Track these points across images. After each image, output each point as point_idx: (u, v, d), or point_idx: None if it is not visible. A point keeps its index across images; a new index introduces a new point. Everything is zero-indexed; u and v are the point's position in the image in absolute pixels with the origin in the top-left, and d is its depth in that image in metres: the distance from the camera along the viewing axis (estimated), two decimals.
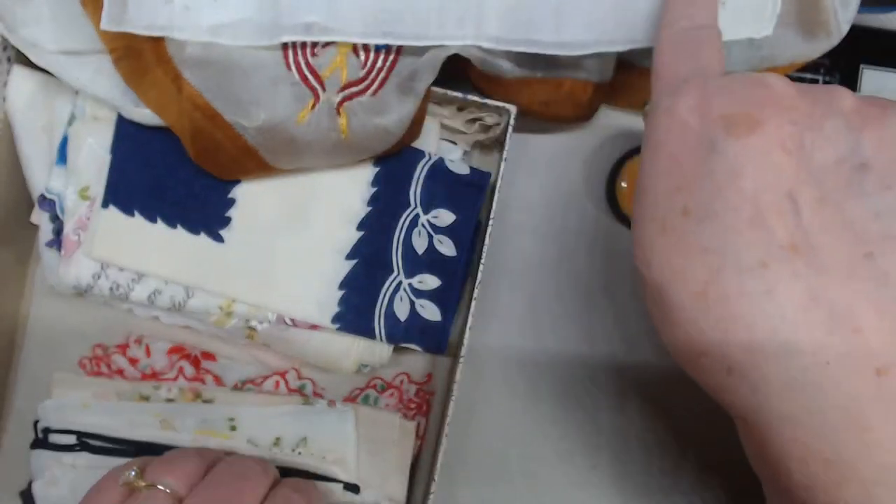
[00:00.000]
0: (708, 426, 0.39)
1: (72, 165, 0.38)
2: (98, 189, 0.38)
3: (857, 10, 0.37)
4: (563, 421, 0.42)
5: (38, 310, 0.43)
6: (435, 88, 0.37)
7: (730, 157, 0.23)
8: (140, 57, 0.34)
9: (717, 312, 0.23)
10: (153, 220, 0.38)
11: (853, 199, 0.23)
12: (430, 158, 0.39)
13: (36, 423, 0.39)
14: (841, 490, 0.22)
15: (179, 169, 0.37)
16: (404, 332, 0.39)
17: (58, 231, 0.39)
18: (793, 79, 0.44)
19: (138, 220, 0.37)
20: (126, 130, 0.38)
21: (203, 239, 0.38)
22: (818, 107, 0.24)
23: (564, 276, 0.43)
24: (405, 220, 0.39)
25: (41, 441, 0.39)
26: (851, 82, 0.45)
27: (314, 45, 0.34)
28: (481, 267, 0.38)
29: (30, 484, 0.38)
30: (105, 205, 0.37)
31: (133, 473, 0.28)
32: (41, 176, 0.39)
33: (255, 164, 0.36)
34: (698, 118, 0.25)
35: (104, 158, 0.38)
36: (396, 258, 0.39)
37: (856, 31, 0.38)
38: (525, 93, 0.37)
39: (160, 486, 0.28)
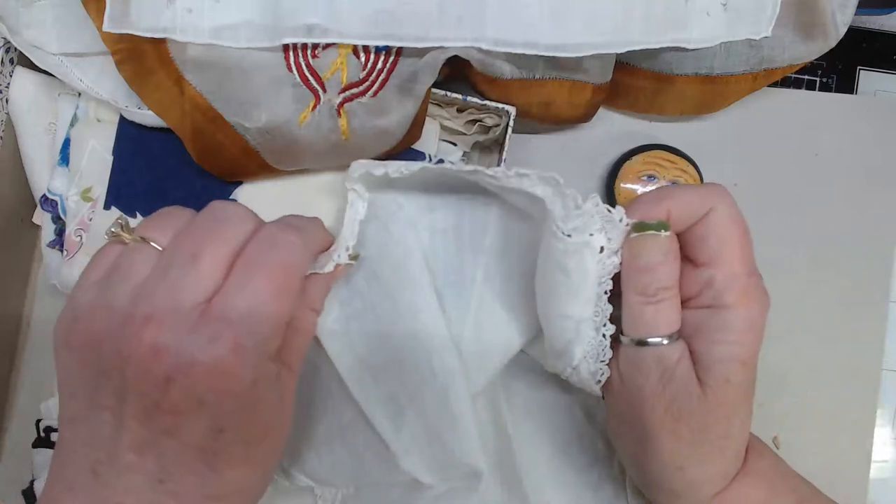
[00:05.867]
0: None
1: (74, 167, 0.38)
2: (100, 190, 0.38)
3: (854, 12, 0.37)
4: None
5: (40, 309, 0.43)
6: (435, 90, 0.37)
7: None
8: (143, 59, 0.34)
9: None
10: None
11: None
12: (430, 161, 0.39)
13: (38, 421, 0.39)
14: None
15: (181, 170, 0.38)
16: None
17: (60, 232, 0.39)
18: (792, 80, 0.45)
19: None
20: (128, 132, 0.38)
21: None
22: None
23: None
24: None
25: (43, 440, 0.39)
26: (849, 83, 0.46)
27: (315, 46, 0.34)
28: None
29: (32, 482, 0.39)
30: (107, 206, 0.38)
31: (119, 222, 0.28)
32: (43, 176, 0.40)
33: (256, 165, 0.36)
34: None
35: (106, 160, 0.38)
36: None
37: (853, 33, 0.38)
38: (524, 94, 0.38)
39: (146, 240, 0.27)
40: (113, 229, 0.28)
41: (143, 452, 0.25)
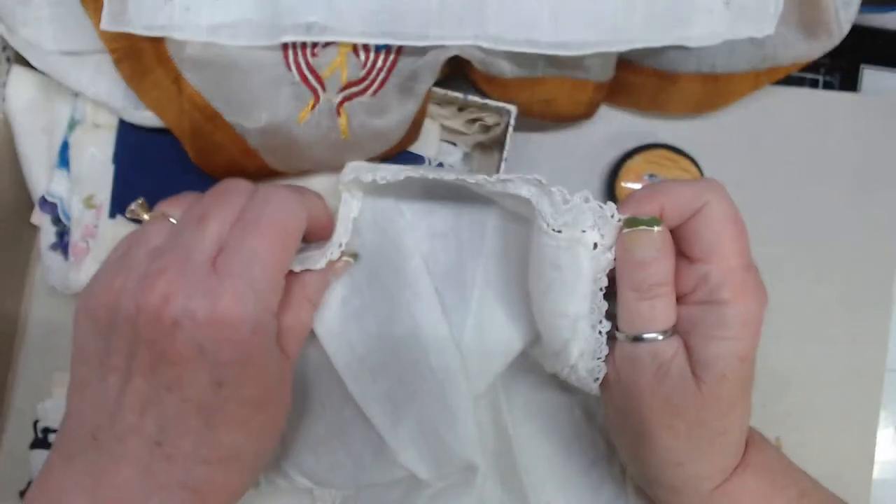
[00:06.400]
0: None
1: (75, 174, 0.38)
2: (102, 197, 0.38)
3: (858, 9, 0.37)
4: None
5: (37, 310, 0.43)
6: (435, 89, 0.37)
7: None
8: (141, 57, 0.34)
9: None
10: None
11: None
12: (429, 164, 0.39)
13: (36, 422, 0.39)
14: None
15: (182, 175, 0.38)
16: None
17: (61, 234, 0.39)
18: (794, 79, 0.45)
19: None
20: (127, 140, 0.38)
21: None
22: None
23: None
24: None
25: (41, 441, 0.39)
26: (852, 82, 0.45)
27: (314, 44, 0.34)
28: None
29: (29, 483, 0.38)
30: (112, 215, 0.38)
31: (138, 203, 0.31)
32: (41, 177, 0.39)
33: (255, 165, 0.36)
34: None
35: (107, 167, 0.38)
36: None
37: (857, 31, 0.38)
38: (525, 93, 0.37)
39: (163, 214, 0.30)
40: (132, 207, 0.31)
41: (144, 412, 0.26)
